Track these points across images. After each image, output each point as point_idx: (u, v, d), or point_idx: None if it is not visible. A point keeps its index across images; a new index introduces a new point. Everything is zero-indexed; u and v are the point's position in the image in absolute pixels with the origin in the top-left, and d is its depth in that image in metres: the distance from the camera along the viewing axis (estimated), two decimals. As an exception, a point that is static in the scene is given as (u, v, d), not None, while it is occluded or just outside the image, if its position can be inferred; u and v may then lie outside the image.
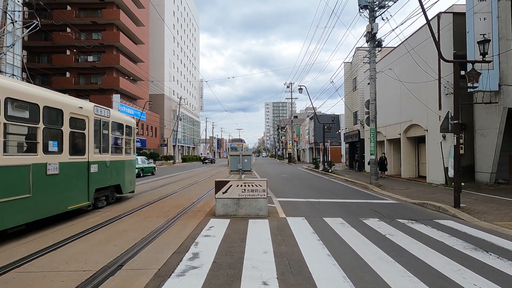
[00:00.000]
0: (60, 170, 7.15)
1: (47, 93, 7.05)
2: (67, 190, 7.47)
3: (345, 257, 4.92)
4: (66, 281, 3.96)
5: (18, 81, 6.72)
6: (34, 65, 38.08)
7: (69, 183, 7.54)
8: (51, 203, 6.88)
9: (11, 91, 5.90)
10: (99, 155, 8.99)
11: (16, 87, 6.10)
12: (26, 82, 7.16)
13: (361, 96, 27.37)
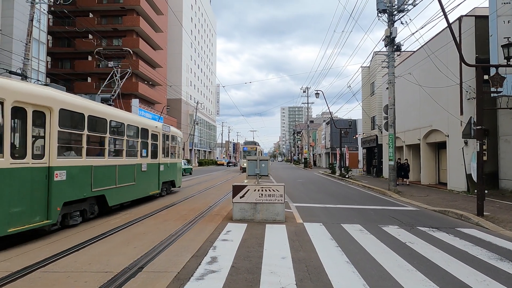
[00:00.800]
0: (147, 168, 10.87)
1: (143, 119, 11.42)
2: (149, 181, 11.23)
3: (365, 264, 4.85)
4: (89, 282, 4.06)
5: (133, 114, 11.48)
6: (57, 71, 39.42)
7: (150, 177, 11.24)
8: (142, 189, 10.58)
9: (129, 120, 9.77)
10: (164, 159, 12.61)
11: (131, 116, 10.42)
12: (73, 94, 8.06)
13: (379, 101, 27.00)
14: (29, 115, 5.92)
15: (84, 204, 7.64)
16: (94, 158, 7.87)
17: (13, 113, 5.59)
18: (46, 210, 6.25)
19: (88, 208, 7.89)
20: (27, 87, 6.10)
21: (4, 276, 4.22)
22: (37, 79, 25.26)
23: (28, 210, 5.86)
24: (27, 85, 6.27)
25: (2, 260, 4.91)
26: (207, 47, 79.67)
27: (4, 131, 5.42)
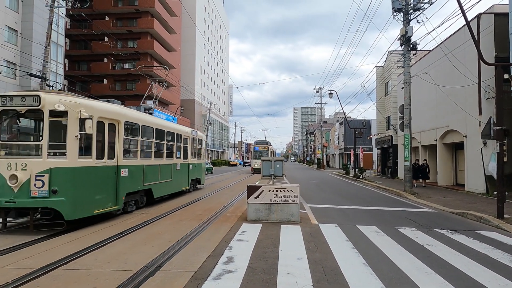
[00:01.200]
0: (180, 167, 12.97)
1: (177, 126, 13.37)
2: (182, 179, 13.35)
3: (382, 266, 4.80)
4: (109, 280, 4.14)
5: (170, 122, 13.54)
6: (74, 73, 40.30)
7: (182, 175, 13.35)
8: (177, 185, 12.72)
9: (167, 127, 11.80)
10: (192, 159, 14.69)
11: (169, 124, 12.47)
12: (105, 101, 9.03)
13: (394, 101, 26.61)
14: (106, 127, 7.93)
15: (137, 195, 9.58)
16: (144, 159, 9.86)
17: (97, 125, 7.54)
18: (115, 198, 8.26)
19: (139, 199, 9.79)
20: (105, 105, 8.16)
21: (28, 273, 4.36)
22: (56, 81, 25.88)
23: (105, 198, 7.85)
24: (105, 104, 8.32)
25: (25, 257, 5.07)
26: (220, 48, 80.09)
27: (92, 139, 7.42)
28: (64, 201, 6.76)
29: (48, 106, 6.76)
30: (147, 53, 41.70)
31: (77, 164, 7.09)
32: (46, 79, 18.75)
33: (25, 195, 6.56)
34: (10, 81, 24.40)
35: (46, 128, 6.80)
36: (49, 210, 6.71)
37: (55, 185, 6.72)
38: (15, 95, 6.90)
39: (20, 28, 25.07)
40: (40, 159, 6.72)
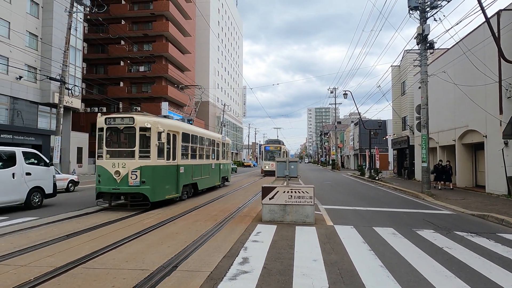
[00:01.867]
0: (214, 167, 16.00)
1: (211, 133, 16.53)
2: (215, 176, 16.38)
3: (400, 269, 4.71)
4: (127, 279, 4.21)
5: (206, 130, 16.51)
6: (92, 76, 41.21)
7: (216, 173, 16.37)
8: (212, 181, 15.85)
9: (206, 134, 14.97)
10: (222, 160, 17.75)
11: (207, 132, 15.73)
12: None
13: (410, 101, 26.14)
14: (171, 137, 10.99)
15: (188, 187, 12.70)
16: (192, 160, 12.91)
17: (161, 136, 10.04)
18: (177, 188, 11.41)
19: (189, 190, 12.86)
20: (171, 121, 11.61)
21: (49, 271, 4.48)
22: (74, 84, 26.53)
23: (171, 188, 11.02)
24: (171, 120, 11.82)
25: (47, 256, 5.21)
26: (233, 50, 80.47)
27: (164, 146, 10.47)
28: (149, 188, 9.79)
29: (139, 124, 9.82)
30: (162, 56, 42.27)
31: (156, 164, 10.16)
32: (65, 83, 19.24)
33: (125, 184, 9.68)
34: (31, 84, 25.15)
35: (138, 139, 9.89)
36: (140, 194, 9.79)
37: (143, 178, 9.72)
38: (117, 117, 10.10)
39: (40, 33, 25.81)
40: (134, 160, 9.83)
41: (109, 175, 9.68)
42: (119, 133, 10.50)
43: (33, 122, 25.77)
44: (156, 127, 9.96)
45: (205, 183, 14.60)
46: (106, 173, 9.83)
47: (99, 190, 10.00)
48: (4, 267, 4.65)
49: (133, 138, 10.04)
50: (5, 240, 6.25)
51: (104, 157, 10.03)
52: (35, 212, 9.65)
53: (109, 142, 10.40)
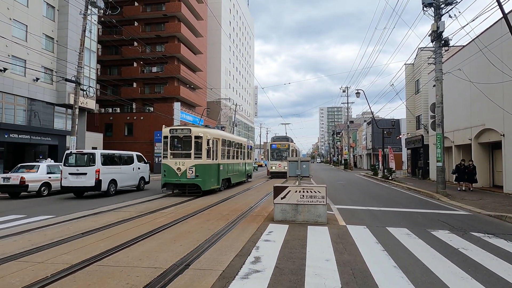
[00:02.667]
0: (241, 165, 19.52)
1: (238, 137, 20.09)
2: (242, 173, 19.82)
3: (414, 270, 4.64)
4: (141, 277, 4.27)
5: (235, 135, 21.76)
6: (106, 77, 41.89)
7: (243, 170, 19.83)
8: (240, 177, 19.41)
9: (235, 139, 18.74)
10: (246, 160, 21.00)
11: (235, 136, 20.01)
12: None
13: (424, 99, 25.69)
14: (213, 142, 14.22)
15: (224, 181, 16.18)
16: (227, 160, 16.53)
17: (208, 142, 13.72)
18: (218, 181, 14.99)
19: (224, 184, 16.20)
20: (215, 131, 15.30)
21: (65, 268, 4.58)
22: (89, 85, 27.00)
23: (214, 180, 14.55)
24: (215, 130, 15.66)
25: (63, 253, 5.32)
26: (245, 50, 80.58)
27: (210, 149, 13.90)
28: (201, 181, 13.46)
29: (194, 134, 13.63)
30: (174, 57, 42.63)
31: (206, 162, 13.81)
32: (80, 84, 19.61)
33: (184, 177, 13.39)
34: (47, 86, 25.73)
35: (193, 144, 13.57)
36: (195, 185, 13.47)
37: (197, 173, 13.37)
38: (178, 128, 14.23)
39: (56, 36, 26.37)
40: (190, 160, 13.53)
41: (172, 171, 13.52)
42: (179, 140, 14.15)
43: (49, 123, 26.36)
44: (206, 135, 13.74)
45: (236, 178, 18.34)
46: (170, 169, 13.62)
47: (165, 181, 13.76)
48: (23, 264, 4.78)
49: (189, 143, 13.70)
50: (23, 238, 6.42)
51: (168, 157, 13.84)
52: (142, 193, 15.28)
53: (172, 146, 14.06)
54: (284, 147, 26.06)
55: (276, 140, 28.15)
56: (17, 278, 4.20)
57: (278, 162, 25.56)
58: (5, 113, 22.43)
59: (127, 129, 39.22)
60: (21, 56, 23.24)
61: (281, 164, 25.18)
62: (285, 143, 26.41)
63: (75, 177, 13.33)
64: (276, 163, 25.65)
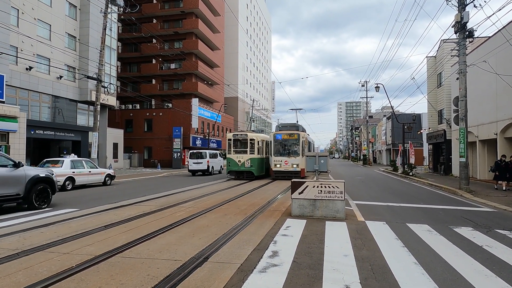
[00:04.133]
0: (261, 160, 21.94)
1: (263, 135, 23.46)
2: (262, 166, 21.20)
3: (435, 266, 4.55)
4: (161, 269, 4.37)
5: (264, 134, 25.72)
6: (126, 74, 42.74)
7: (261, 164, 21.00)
8: (263, 170, 21.29)
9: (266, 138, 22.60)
10: None
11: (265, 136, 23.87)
12: None
13: (447, 93, 24.93)
14: (261, 142, 21.08)
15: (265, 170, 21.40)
16: (266, 154, 21.49)
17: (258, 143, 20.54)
18: (264, 170, 21.29)
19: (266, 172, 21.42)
20: (261, 135, 22.54)
21: (89, 259, 4.74)
22: (110, 82, 27.62)
23: (262, 170, 20.91)
24: (261, 134, 23.34)
25: (87, 244, 5.51)
26: (262, 45, 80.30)
27: (259, 148, 20.47)
28: (255, 169, 19.70)
29: (249, 137, 20.02)
30: (192, 53, 43.00)
31: (257, 157, 19.96)
32: (101, 81, 20.07)
33: (243, 167, 19.68)
34: (70, 83, 26.48)
35: (249, 144, 19.88)
36: (250, 172, 19.66)
37: (251, 164, 19.65)
38: (238, 133, 20.89)
39: (78, 35, 27.06)
40: (247, 155, 19.79)
41: (235, 162, 19.81)
42: (239, 141, 20.30)
43: (72, 119, 27.17)
44: (257, 138, 20.26)
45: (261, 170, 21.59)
46: (233, 161, 19.89)
47: (229, 169, 20.25)
48: (50, 254, 4.98)
49: (246, 144, 19.99)
50: (50, 230, 6.68)
51: (232, 153, 20.03)
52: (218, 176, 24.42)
53: (235, 145, 20.20)
54: (292, 138, 19.73)
55: (282, 128, 21.82)
56: (44, 268, 4.38)
57: (284, 159, 19.46)
58: (31, 110, 23.26)
59: (147, 125, 39.95)
60: (46, 55, 23.99)
61: (288, 160, 19.24)
62: (293, 133, 19.97)
63: (196, 164, 25.27)
64: (281, 159, 19.51)
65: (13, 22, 21.13)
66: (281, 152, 19.86)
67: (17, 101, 21.90)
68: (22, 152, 19.11)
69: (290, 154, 19.60)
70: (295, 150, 19.63)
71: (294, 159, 19.30)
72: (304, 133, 20.87)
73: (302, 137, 19.81)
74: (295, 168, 19.12)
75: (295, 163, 19.23)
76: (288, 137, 19.84)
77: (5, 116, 17.85)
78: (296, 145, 19.73)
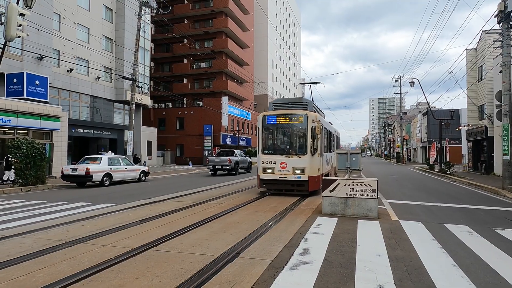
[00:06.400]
0: None
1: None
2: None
3: (476, 270, 4.33)
4: (194, 263, 4.49)
5: None
6: (159, 74, 44.02)
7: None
8: None
9: None
10: None
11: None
12: None
13: (489, 87, 23.51)
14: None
15: None
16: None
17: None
18: None
19: None
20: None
21: (126, 251, 4.96)
22: (144, 82, 28.60)
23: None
24: None
25: (124, 238, 5.76)
26: (291, 42, 79.71)
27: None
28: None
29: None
30: (222, 52, 43.51)
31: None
32: (136, 81, 20.82)
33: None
34: (107, 84, 27.70)
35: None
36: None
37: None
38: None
39: (114, 37, 28.22)
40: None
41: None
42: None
43: (109, 118, 28.42)
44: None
45: None
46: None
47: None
48: (90, 246, 5.26)
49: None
50: (90, 223, 7.04)
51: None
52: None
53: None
54: (295, 122, 11.60)
55: (278, 106, 12.75)
56: (86, 259, 4.64)
57: (279, 158, 11.43)
58: (72, 110, 24.57)
59: (179, 123, 40.97)
60: (85, 57, 25.22)
61: (286, 162, 11.26)
62: (297, 114, 11.61)
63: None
64: (274, 159, 11.46)
65: (55, 27, 22.38)
66: (274, 148, 11.91)
67: (59, 101, 23.22)
68: (64, 150, 20.25)
69: (291, 151, 11.49)
70: (301, 144, 11.38)
71: (298, 160, 11.01)
72: (316, 114, 11.81)
73: (312, 121, 11.20)
74: (298, 176, 10.90)
75: (299, 166, 10.98)
76: (287, 121, 11.61)
77: (49, 116, 18.99)
78: (302, 131, 11.36)
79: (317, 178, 11.27)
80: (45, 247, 5.19)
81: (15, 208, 9.34)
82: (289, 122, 11.63)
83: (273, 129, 11.98)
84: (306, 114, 11.24)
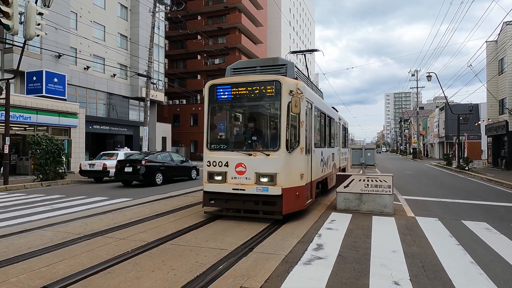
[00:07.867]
0: None
1: None
2: None
3: (495, 267, 4.24)
4: (208, 256, 4.54)
5: None
6: (173, 71, 44.39)
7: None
8: None
9: None
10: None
11: None
12: None
13: (510, 80, 22.81)
14: None
15: None
16: None
17: None
18: None
19: None
20: None
21: (143, 245, 5.06)
22: (158, 79, 28.92)
23: None
24: None
25: (140, 231, 5.87)
26: (305, 37, 79.02)
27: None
28: None
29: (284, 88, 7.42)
30: (235, 48, 43.49)
31: None
32: (151, 78, 21.07)
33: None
34: (123, 81, 28.14)
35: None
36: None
37: None
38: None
39: (129, 34, 28.59)
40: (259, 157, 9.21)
41: None
42: None
43: (125, 115, 28.90)
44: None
45: None
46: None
47: None
48: (108, 239, 5.39)
49: None
50: (107, 217, 7.21)
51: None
52: None
53: None
54: (263, 95, 6.67)
55: (240, 72, 7.56)
56: (104, 251, 4.76)
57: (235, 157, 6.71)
58: (89, 107, 25.08)
59: (193, 120, 41.31)
60: (101, 54, 25.66)
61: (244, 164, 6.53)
62: (264, 82, 6.64)
63: None
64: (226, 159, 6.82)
65: (72, 26, 22.83)
66: (227, 140, 7.95)
67: (77, 98, 23.72)
68: (82, 146, 20.73)
69: (254, 145, 6.89)
70: (271, 134, 6.85)
71: (265, 160, 6.41)
72: (297, 82, 6.80)
73: (290, 92, 6.45)
74: (265, 188, 6.34)
75: (266, 170, 6.40)
76: (249, 94, 6.86)
77: (67, 113, 19.46)
78: (273, 115, 6.87)
79: (300, 190, 6.65)
80: (65, 240, 5.35)
81: (36, 202, 9.65)
82: (251, 96, 6.81)
83: (226, 108, 7.61)
84: (279, 81, 6.46)
